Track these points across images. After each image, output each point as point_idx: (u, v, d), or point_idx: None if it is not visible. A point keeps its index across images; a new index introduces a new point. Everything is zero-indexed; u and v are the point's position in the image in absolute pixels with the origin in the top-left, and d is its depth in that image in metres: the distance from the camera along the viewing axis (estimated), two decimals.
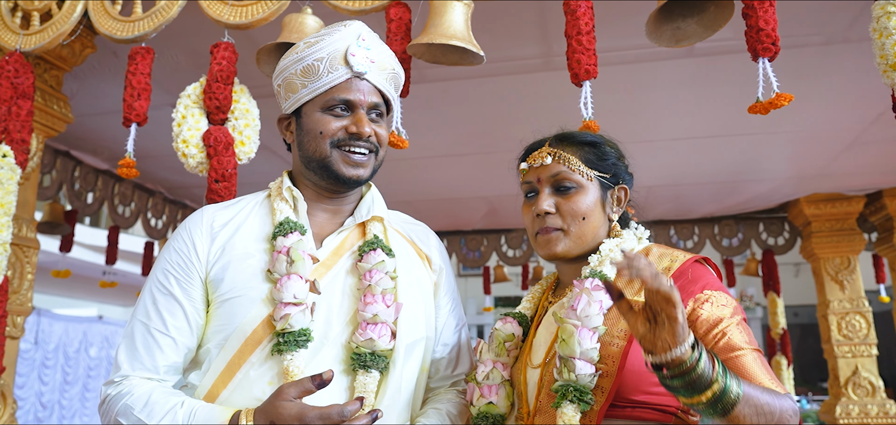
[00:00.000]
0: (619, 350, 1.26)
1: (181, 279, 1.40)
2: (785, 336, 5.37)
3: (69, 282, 8.56)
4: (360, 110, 1.44)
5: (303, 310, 1.34)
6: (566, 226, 1.42)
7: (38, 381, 9.13)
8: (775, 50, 1.72)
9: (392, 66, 1.52)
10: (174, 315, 1.38)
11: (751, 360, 1.21)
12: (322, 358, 1.36)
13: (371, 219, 1.52)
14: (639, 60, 3.08)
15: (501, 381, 1.42)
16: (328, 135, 1.43)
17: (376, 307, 1.37)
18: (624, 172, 1.50)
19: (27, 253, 2.56)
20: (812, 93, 3.34)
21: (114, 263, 4.72)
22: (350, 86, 1.44)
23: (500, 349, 1.45)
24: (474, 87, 3.40)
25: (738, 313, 1.28)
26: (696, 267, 1.34)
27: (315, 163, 1.46)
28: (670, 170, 4.61)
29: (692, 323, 1.26)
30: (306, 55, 1.43)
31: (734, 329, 1.24)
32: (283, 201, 1.48)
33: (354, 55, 1.42)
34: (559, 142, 1.48)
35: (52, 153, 3.97)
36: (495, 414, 1.39)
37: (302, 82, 1.44)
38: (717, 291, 1.29)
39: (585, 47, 1.81)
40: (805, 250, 5.09)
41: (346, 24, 1.47)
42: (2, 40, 2.29)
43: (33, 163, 2.56)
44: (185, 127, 2.03)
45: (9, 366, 2.47)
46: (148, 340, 1.37)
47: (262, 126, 3.83)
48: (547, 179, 1.45)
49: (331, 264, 1.45)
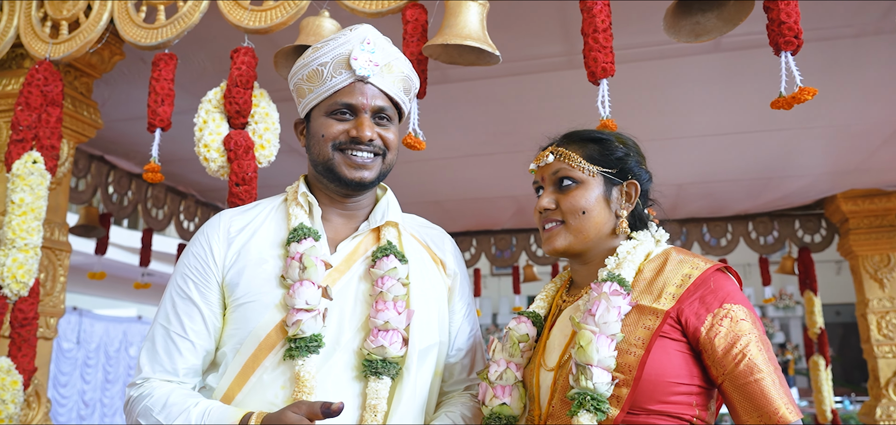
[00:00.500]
0: (636, 359, 1.24)
1: (199, 283, 1.42)
2: (823, 335, 5.23)
3: (110, 282, 8.78)
4: (362, 114, 1.44)
5: (314, 315, 1.34)
6: (566, 221, 1.41)
7: (80, 380, 9.39)
8: (798, 43, 1.67)
9: (401, 70, 1.50)
10: (192, 319, 1.40)
11: (769, 384, 1.18)
12: (334, 363, 1.36)
13: (385, 224, 1.51)
14: (664, 56, 3.04)
15: (515, 382, 1.40)
16: (330, 139, 1.43)
17: (388, 314, 1.37)
18: (635, 168, 1.46)
19: (59, 256, 2.63)
20: (845, 86, 3.25)
21: (147, 265, 4.82)
22: (353, 89, 1.43)
23: (513, 349, 1.43)
24: (498, 87, 3.39)
25: (756, 328, 1.24)
26: (718, 276, 1.30)
27: (321, 166, 1.46)
28: (701, 166, 4.53)
29: (709, 342, 1.23)
30: (312, 60, 1.44)
31: (753, 348, 1.21)
32: (298, 206, 1.48)
33: (357, 59, 1.41)
34: (563, 141, 1.48)
35: (87, 158, 4.07)
36: (508, 415, 1.38)
37: (308, 87, 1.45)
38: (736, 305, 1.25)
39: (602, 45, 1.79)
40: (843, 248, 4.95)
41: (353, 29, 1.46)
42: (32, 49, 2.36)
43: (64, 168, 2.63)
44: (207, 131, 2.06)
45: (42, 366, 2.54)
46: (168, 343, 1.39)
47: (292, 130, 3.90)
48: (549, 177, 1.45)
49: (344, 269, 1.45)
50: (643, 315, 1.27)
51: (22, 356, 2.16)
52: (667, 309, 1.26)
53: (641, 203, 1.48)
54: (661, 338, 1.25)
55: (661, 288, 1.29)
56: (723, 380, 1.22)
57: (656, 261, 1.36)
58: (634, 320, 1.27)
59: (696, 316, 1.25)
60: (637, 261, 1.36)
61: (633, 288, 1.32)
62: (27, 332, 2.18)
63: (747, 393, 1.18)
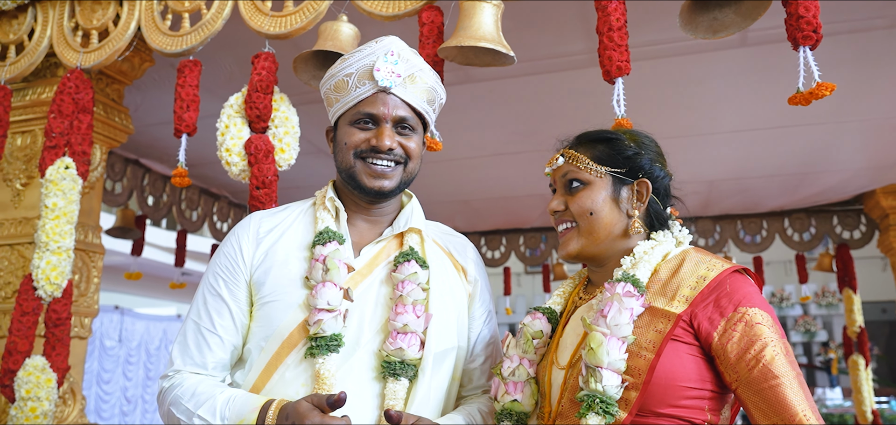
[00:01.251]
0: (646, 362, 1.21)
1: (229, 281, 1.48)
2: (862, 334, 5.09)
3: (150, 282, 9.00)
4: (383, 124, 1.46)
5: (335, 316, 1.38)
6: (577, 223, 1.41)
7: (122, 377, 9.64)
8: (816, 38, 1.63)
9: (425, 81, 1.52)
10: (222, 315, 1.46)
11: (787, 390, 1.14)
12: (353, 363, 1.40)
13: (409, 231, 1.54)
14: (689, 52, 3.00)
15: (527, 379, 1.40)
16: (352, 147, 1.47)
17: (407, 317, 1.40)
18: (646, 166, 1.42)
19: (93, 257, 2.71)
20: (880, 79, 3.17)
21: (182, 265, 4.94)
22: (375, 100, 1.46)
23: (527, 345, 1.43)
24: (522, 86, 3.38)
25: (774, 331, 1.20)
26: (734, 278, 1.26)
27: (344, 173, 1.50)
28: (733, 163, 4.45)
29: (722, 347, 1.20)
30: (339, 71, 1.48)
31: (769, 352, 1.17)
32: (325, 211, 1.52)
33: (379, 70, 1.44)
34: (574, 143, 1.47)
35: (123, 162, 4.18)
36: (519, 411, 1.38)
37: (335, 97, 1.50)
38: (752, 308, 1.21)
39: (617, 44, 1.78)
40: (883, 244, 4.82)
41: (379, 41, 1.49)
42: (64, 58, 2.43)
43: (97, 173, 2.71)
44: (228, 136, 2.10)
45: (77, 365, 2.63)
46: (198, 339, 1.46)
47: (320, 131, 3.96)
48: (559, 179, 1.45)
49: (366, 273, 1.48)
50: (655, 317, 1.25)
51: (56, 355, 2.23)
52: (679, 312, 1.23)
53: (660, 202, 1.45)
54: (673, 342, 1.22)
55: (676, 290, 1.27)
56: (737, 386, 1.19)
57: (673, 262, 1.33)
58: (647, 322, 1.25)
59: (708, 320, 1.22)
60: (654, 261, 1.34)
61: (647, 289, 1.29)
62: (61, 332, 2.25)
63: (764, 399, 1.15)
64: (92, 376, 9.30)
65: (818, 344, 14.54)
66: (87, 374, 9.21)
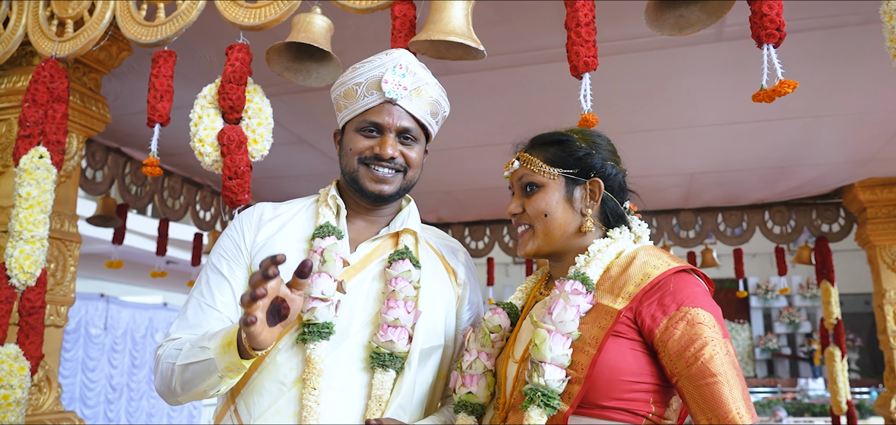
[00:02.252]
0: (589, 357, 1.25)
1: (230, 260, 1.56)
2: (839, 326, 5.16)
3: (135, 270, 8.98)
4: (387, 133, 1.55)
5: (328, 305, 1.45)
6: (532, 225, 1.45)
7: (108, 365, 9.62)
8: (780, 36, 1.66)
9: (430, 94, 1.59)
10: (223, 292, 1.53)
11: (723, 388, 1.17)
12: (341, 352, 1.46)
13: (404, 231, 1.63)
14: (667, 46, 3.02)
15: (483, 371, 1.44)
16: (357, 153, 1.56)
17: (398, 312, 1.47)
18: (599, 165, 1.46)
19: (69, 246, 2.72)
20: (854, 75, 3.21)
21: (164, 254, 4.94)
22: (381, 110, 1.54)
23: (485, 339, 1.47)
24: (503, 78, 3.40)
25: (716, 332, 1.22)
26: (679, 277, 1.30)
27: (348, 176, 1.59)
28: (714, 155, 4.49)
29: (663, 344, 1.24)
30: (349, 79, 1.56)
31: (708, 351, 1.20)
32: (327, 207, 1.61)
33: (387, 82, 1.52)
34: (528, 146, 1.51)
35: (104, 150, 4.17)
36: (475, 403, 1.42)
37: (344, 103, 1.58)
38: (695, 307, 1.24)
39: (585, 39, 1.79)
40: (860, 237, 4.88)
41: (390, 53, 1.56)
42: (40, 47, 2.43)
43: (73, 162, 2.71)
44: (201, 127, 2.11)
45: (53, 353, 2.64)
46: (198, 312, 1.52)
47: (303, 121, 3.96)
48: (516, 183, 1.50)
49: (360, 268, 1.56)
50: (600, 314, 1.29)
51: (29, 343, 2.24)
52: (620, 308, 1.27)
53: (616, 198, 1.49)
54: (615, 337, 1.26)
55: (622, 287, 1.30)
56: (677, 380, 1.23)
57: (624, 260, 1.36)
58: (593, 318, 1.28)
59: (651, 318, 1.25)
60: (607, 259, 1.37)
61: (598, 286, 1.33)
62: (34, 321, 2.26)
63: (701, 395, 1.18)
64: (77, 364, 9.27)
65: (802, 335, 14.68)
66: (71, 362, 9.19)
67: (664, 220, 5.65)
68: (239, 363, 1.33)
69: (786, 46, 2.99)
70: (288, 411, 1.42)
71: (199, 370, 1.37)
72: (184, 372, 1.40)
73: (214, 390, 1.39)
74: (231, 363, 1.33)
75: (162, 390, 1.49)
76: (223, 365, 1.34)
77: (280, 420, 1.43)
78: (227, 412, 1.51)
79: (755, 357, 15.18)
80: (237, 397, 1.49)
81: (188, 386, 1.40)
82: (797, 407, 11.27)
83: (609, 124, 4.00)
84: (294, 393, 1.44)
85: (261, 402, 1.45)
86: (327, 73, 2.20)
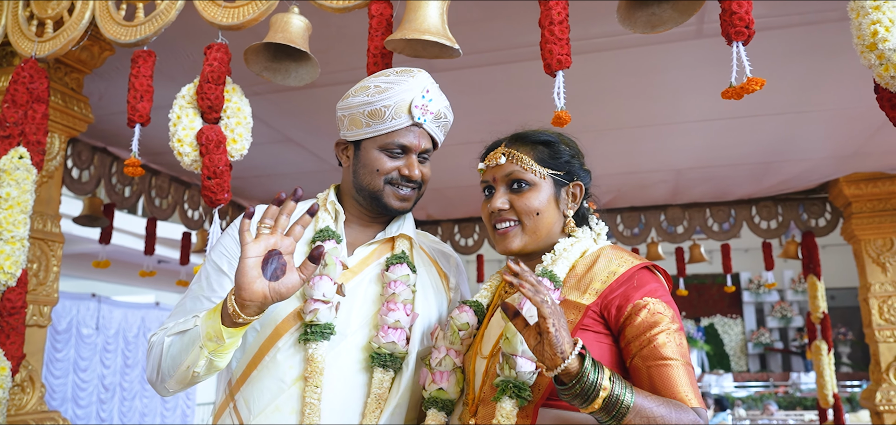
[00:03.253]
0: None
1: (231, 258, 1.59)
2: (826, 320, 5.19)
3: (126, 269, 8.96)
4: (412, 155, 1.62)
5: (329, 307, 1.51)
6: (521, 222, 1.47)
7: (100, 364, 9.60)
8: (749, 34, 1.68)
9: (446, 115, 1.69)
10: (222, 285, 1.56)
11: (673, 371, 1.24)
12: (339, 352, 1.53)
13: (399, 236, 1.69)
14: (650, 42, 3.03)
15: (452, 368, 1.48)
16: (383, 173, 1.61)
17: (397, 314, 1.54)
18: (578, 169, 1.53)
19: (52, 246, 2.72)
20: (836, 70, 3.23)
21: (152, 253, 4.93)
22: (408, 132, 1.61)
23: (453, 337, 1.51)
24: (489, 75, 3.41)
25: (672, 322, 1.30)
26: (642, 273, 1.37)
27: (367, 192, 1.64)
28: (700, 151, 4.51)
29: (624, 328, 1.30)
30: (376, 101, 1.59)
31: (664, 337, 1.27)
32: (326, 212, 1.67)
33: (418, 107, 1.59)
34: (513, 142, 1.52)
35: (90, 150, 4.17)
36: (444, 399, 1.46)
37: (366, 122, 1.61)
38: (656, 299, 1.32)
39: (558, 37, 1.81)
40: (846, 231, 4.91)
41: (414, 76, 1.62)
42: (19, 47, 2.43)
43: (55, 162, 2.72)
44: (180, 126, 2.12)
45: (37, 353, 2.64)
46: (195, 304, 1.56)
47: (289, 120, 3.96)
48: (502, 178, 1.50)
49: (357, 271, 1.63)
50: (569, 309, 1.34)
51: (10, 343, 2.24)
52: (588, 303, 1.33)
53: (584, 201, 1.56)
54: (583, 331, 1.31)
55: (588, 284, 1.36)
56: (631, 360, 1.29)
57: (589, 259, 1.43)
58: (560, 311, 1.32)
59: (617, 308, 1.31)
60: (572, 258, 1.43)
61: (565, 283, 1.39)
62: (15, 321, 2.26)
63: (651, 375, 1.25)
64: (68, 364, 9.25)
65: (794, 329, 14.75)
66: (63, 363, 9.17)
67: (652, 216, 5.67)
68: (219, 329, 1.34)
69: (766, 42, 3.03)
70: (287, 408, 1.48)
71: (186, 340, 1.41)
72: (172, 345, 1.44)
73: (195, 366, 1.39)
74: (212, 328, 1.35)
75: (151, 376, 1.52)
76: (205, 331, 1.36)
77: (280, 417, 1.48)
78: (227, 409, 1.55)
79: (748, 351, 15.26)
80: (236, 394, 1.54)
81: (174, 363, 1.43)
82: (789, 401, 11.34)
83: (594, 121, 4.05)
84: (294, 391, 1.49)
85: (261, 399, 1.50)
86: (306, 73, 2.21)
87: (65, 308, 9.22)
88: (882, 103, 1.72)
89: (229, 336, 1.35)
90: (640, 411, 1.14)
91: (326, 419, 1.47)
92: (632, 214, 5.69)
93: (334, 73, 3.00)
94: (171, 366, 1.44)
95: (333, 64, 2.96)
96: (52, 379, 9.06)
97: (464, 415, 1.41)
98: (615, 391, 1.13)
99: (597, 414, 1.15)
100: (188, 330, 1.42)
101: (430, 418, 1.46)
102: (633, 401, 1.14)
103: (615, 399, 1.13)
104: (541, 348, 1.14)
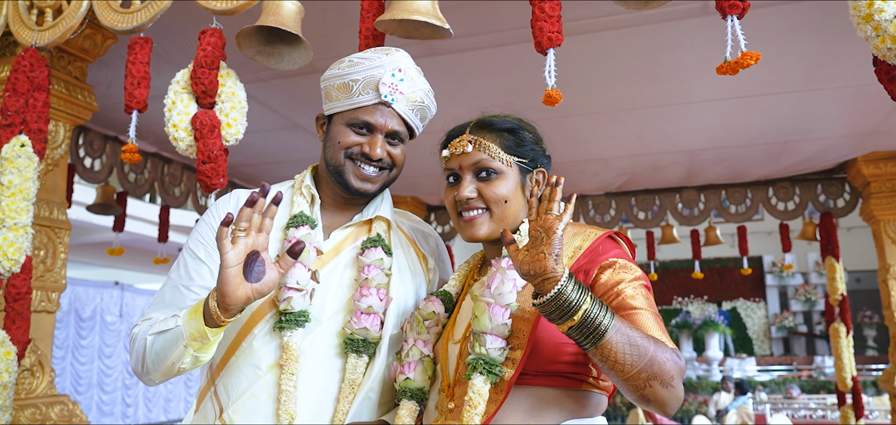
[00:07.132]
0: (529, 325, 1.31)
1: (208, 245, 1.58)
2: (844, 302, 5.10)
3: (146, 257, 9.09)
4: (377, 134, 1.58)
5: (303, 294, 1.50)
6: (490, 209, 1.46)
7: (124, 351, 9.79)
8: (743, 7, 1.64)
9: (421, 99, 1.63)
10: (201, 274, 1.56)
11: (644, 317, 1.26)
12: (314, 337, 1.52)
13: (376, 218, 1.66)
14: (652, 21, 2.98)
15: (420, 357, 1.49)
16: (344, 147, 1.58)
17: (371, 299, 1.52)
18: (541, 156, 1.53)
19: (59, 233, 2.76)
20: (848, 47, 3.15)
21: (166, 241, 4.99)
22: (374, 110, 1.57)
23: (419, 327, 1.51)
24: (491, 57, 3.38)
25: (639, 279, 1.33)
26: (607, 241, 1.41)
27: (332, 167, 1.61)
28: (713, 132, 4.44)
29: (593, 286, 1.32)
30: (346, 73, 1.57)
31: (631, 289, 1.29)
32: (301, 196, 1.64)
33: (385, 84, 1.55)
34: (478, 130, 1.50)
35: (101, 139, 4.22)
36: (415, 388, 1.47)
37: (336, 95, 1.59)
38: (621, 260, 1.35)
39: (548, 15, 1.78)
40: (864, 212, 4.80)
41: (390, 54, 1.59)
42: (20, 36, 2.46)
43: (60, 150, 2.75)
44: (175, 112, 2.13)
45: (45, 338, 2.69)
46: (174, 294, 1.55)
47: (297, 106, 3.96)
48: (468, 166, 1.48)
49: (333, 255, 1.61)
50: None
51: (16, 328, 2.28)
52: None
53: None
54: None
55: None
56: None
57: None
58: (531, 290, 1.33)
59: (585, 273, 1.34)
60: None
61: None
62: (20, 306, 2.30)
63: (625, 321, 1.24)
64: (94, 351, 9.45)
65: (818, 313, 14.54)
66: (88, 349, 9.37)
67: (667, 199, 5.60)
68: (203, 330, 1.36)
69: (774, 18, 2.95)
70: (263, 394, 1.49)
71: (168, 339, 1.41)
72: (154, 342, 1.44)
73: (180, 363, 1.41)
74: (196, 329, 1.36)
75: (136, 368, 1.52)
76: (188, 331, 1.37)
77: (256, 403, 1.48)
78: (208, 394, 1.56)
79: (771, 335, 15.09)
80: (217, 379, 1.54)
81: (158, 359, 1.44)
82: (813, 385, 11.20)
83: (601, 102, 3.99)
84: (269, 377, 1.49)
85: (238, 385, 1.50)
86: (299, 56, 2.20)
87: (89, 295, 9.39)
88: (880, 76, 1.67)
89: (213, 335, 1.38)
90: (619, 330, 1.15)
91: (302, 404, 1.47)
92: (646, 197, 5.63)
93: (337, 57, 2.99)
94: (155, 362, 1.45)
95: (335, 48, 2.96)
96: (78, 365, 9.26)
97: (442, 401, 1.41)
98: (594, 310, 1.14)
99: (573, 333, 1.15)
100: (169, 330, 1.41)
101: (403, 408, 1.46)
102: (611, 323, 1.15)
103: (592, 316, 1.14)
104: (532, 252, 1.16)
